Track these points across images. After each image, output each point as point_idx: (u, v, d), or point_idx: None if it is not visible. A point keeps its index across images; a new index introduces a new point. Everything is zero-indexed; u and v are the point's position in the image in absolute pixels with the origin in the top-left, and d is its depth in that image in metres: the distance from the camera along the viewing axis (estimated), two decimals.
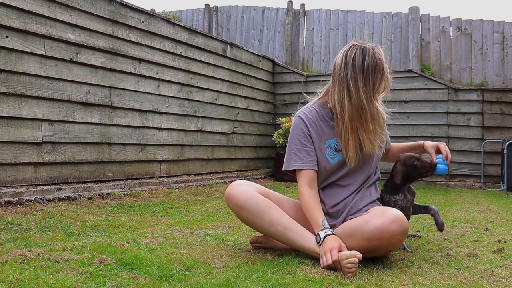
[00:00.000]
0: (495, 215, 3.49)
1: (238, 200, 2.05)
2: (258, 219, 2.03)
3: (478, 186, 6.02)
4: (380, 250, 1.87)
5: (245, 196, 2.04)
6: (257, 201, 2.03)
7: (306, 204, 2.03)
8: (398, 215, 1.83)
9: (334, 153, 2.11)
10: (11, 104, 3.22)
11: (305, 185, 2.06)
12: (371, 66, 1.98)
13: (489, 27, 7.19)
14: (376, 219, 1.83)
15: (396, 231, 1.80)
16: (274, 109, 6.94)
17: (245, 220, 2.08)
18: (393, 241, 1.82)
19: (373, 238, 1.82)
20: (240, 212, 2.06)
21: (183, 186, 4.57)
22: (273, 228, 2.01)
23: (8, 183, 3.18)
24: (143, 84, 4.40)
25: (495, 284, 1.71)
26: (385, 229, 1.80)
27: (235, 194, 2.06)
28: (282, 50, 8.30)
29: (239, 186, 2.08)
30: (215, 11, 8.95)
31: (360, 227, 1.86)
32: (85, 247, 2.06)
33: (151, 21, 4.51)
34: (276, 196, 2.18)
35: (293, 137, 2.12)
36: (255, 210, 2.02)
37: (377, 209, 1.93)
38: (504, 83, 7.06)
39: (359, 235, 1.85)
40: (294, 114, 2.21)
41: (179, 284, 1.61)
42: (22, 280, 1.57)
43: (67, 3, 3.62)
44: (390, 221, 1.80)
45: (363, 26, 7.89)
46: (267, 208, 2.02)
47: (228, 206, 2.12)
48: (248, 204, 2.03)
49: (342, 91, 2.01)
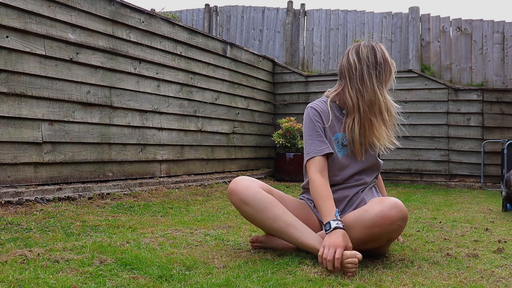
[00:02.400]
0: (495, 215, 3.49)
1: (242, 195, 2.04)
2: (261, 215, 2.03)
3: (478, 186, 6.02)
4: (381, 237, 1.88)
5: (249, 192, 2.04)
6: (261, 197, 2.03)
7: (319, 192, 2.01)
8: (397, 201, 1.86)
9: (340, 147, 2.15)
10: (11, 104, 3.22)
11: (316, 171, 2.06)
12: (382, 60, 2.12)
13: (489, 27, 7.19)
14: (376, 207, 1.86)
15: (395, 216, 1.82)
16: (274, 109, 6.94)
17: (248, 215, 2.08)
18: (393, 227, 1.84)
19: (374, 225, 1.83)
20: (244, 207, 2.06)
21: (183, 186, 4.57)
22: (276, 225, 2.01)
23: (8, 183, 3.18)
24: (143, 84, 4.40)
25: (495, 284, 1.71)
26: (385, 215, 1.82)
27: (239, 189, 2.05)
28: (282, 50, 8.30)
29: (243, 181, 2.08)
30: (215, 11, 8.96)
31: (361, 216, 1.88)
32: (85, 247, 2.06)
33: (151, 21, 4.52)
34: (279, 194, 2.18)
35: (306, 127, 2.16)
36: (259, 206, 2.02)
37: (375, 199, 1.96)
38: (504, 83, 7.06)
39: (360, 224, 1.87)
40: (294, 114, 2.24)
41: (179, 284, 1.61)
42: (22, 280, 1.57)
43: (67, 3, 3.63)
44: (390, 207, 1.83)
45: (363, 26, 7.89)
46: (271, 204, 2.02)
47: (231, 201, 2.11)
48: (252, 199, 2.03)
49: (358, 87, 2.10)
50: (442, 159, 6.25)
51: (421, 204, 4.15)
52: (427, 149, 6.32)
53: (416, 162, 6.35)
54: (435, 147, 6.27)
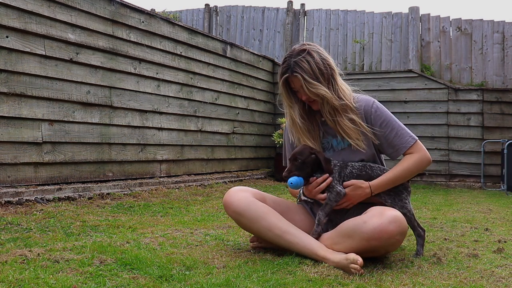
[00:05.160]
0: (495, 215, 3.49)
1: (236, 207, 2.07)
2: (256, 225, 2.04)
3: (478, 186, 6.02)
4: (379, 250, 1.87)
5: (242, 203, 2.06)
6: (255, 207, 2.05)
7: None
8: (397, 215, 1.84)
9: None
10: (11, 104, 3.22)
11: None
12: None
13: (489, 27, 7.19)
14: (375, 220, 1.83)
15: (394, 231, 1.81)
16: (274, 109, 6.94)
17: (244, 226, 2.11)
18: (391, 241, 1.82)
19: (372, 238, 1.82)
20: (239, 219, 2.09)
21: (183, 186, 4.57)
22: (271, 233, 2.02)
23: (8, 183, 3.18)
24: (143, 84, 4.40)
25: (495, 284, 1.71)
26: (384, 229, 1.80)
27: (233, 201, 2.08)
28: (282, 50, 8.30)
29: (236, 193, 2.10)
30: (215, 11, 8.96)
31: (359, 227, 1.86)
32: (85, 247, 2.06)
33: (151, 21, 4.51)
34: (273, 199, 2.19)
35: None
36: (253, 216, 2.04)
37: (376, 209, 1.93)
38: (504, 83, 7.06)
39: (357, 236, 1.86)
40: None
41: (179, 284, 1.61)
42: (22, 280, 1.57)
43: (67, 3, 3.62)
44: (388, 222, 1.81)
45: (363, 26, 7.89)
46: (265, 213, 2.04)
47: (227, 213, 2.15)
48: (246, 210, 2.05)
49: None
50: (442, 159, 6.25)
51: (421, 204, 4.15)
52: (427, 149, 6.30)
53: None
54: (435, 147, 6.27)
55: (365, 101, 2.13)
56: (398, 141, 2.10)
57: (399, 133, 2.10)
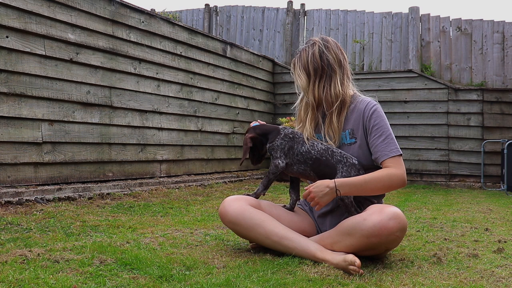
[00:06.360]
0: (495, 215, 3.49)
1: (231, 217, 2.07)
2: (253, 233, 2.05)
3: (478, 186, 6.02)
4: (379, 247, 1.87)
5: (237, 212, 2.06)
6: (250, 215, 2.05)
7: None
8: (396, 212, 1.84)
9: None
10: (11, 104, 3.22)
11: None
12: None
13: (489, 27, 7.19)
14: (374, 216, 1.83)
15: (394, 227, 1.81)
16: (274, 109, 6.95)
17: (241, 234, 2.12)
18: (391, 238, 1.82)
19: (372, 235, 1.82)
20: (235, 228, 2.09)
21: (183, 186, 4.57)
22: (269, 240, 2.02)
23: (8, 183, 3.18)
24: (143, 84, 4.40)
25: (495, 284, 1.71)
26: (383, 225, 1.80)
27: (228, 211, 2.08)
28: (282, 50, 8.30)
29: (231, 203, 2.10)
30: (215, 11, 8.96)
31: (359, 225, 1.86)
32: (85, 247, 2.06)
33: (151, 21, 4.51)
34: (269, 205, 2.19)
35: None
36: (249, 225, 2.04)
37: (375, 206, 1.94)
38: (504, 83, 7.06)
39: (357, 233, 1.86)
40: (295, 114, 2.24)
41: (179, 284, 1.61)
42: (22, 280, 1.57)
43: (67, 3, 3.62)
44: (388, 218, 1.81)
45: (363, 26, 7.89)
46: (261, 220, 2.04)
47: (223, 223, 2.15)
48: (242, 219, 2.05)
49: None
50: (442, 159, 6.25)
51: (421, 204, 4.15)
52: (427, 149, 6.32)
53: (416, 162, 6.35)
54: (435, 147, 6.27)
55: (367, 102, 2.14)
56: (383, 147, 2.04)
57: (387, 141, 2.05)
